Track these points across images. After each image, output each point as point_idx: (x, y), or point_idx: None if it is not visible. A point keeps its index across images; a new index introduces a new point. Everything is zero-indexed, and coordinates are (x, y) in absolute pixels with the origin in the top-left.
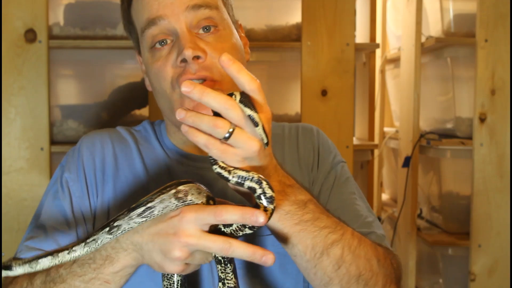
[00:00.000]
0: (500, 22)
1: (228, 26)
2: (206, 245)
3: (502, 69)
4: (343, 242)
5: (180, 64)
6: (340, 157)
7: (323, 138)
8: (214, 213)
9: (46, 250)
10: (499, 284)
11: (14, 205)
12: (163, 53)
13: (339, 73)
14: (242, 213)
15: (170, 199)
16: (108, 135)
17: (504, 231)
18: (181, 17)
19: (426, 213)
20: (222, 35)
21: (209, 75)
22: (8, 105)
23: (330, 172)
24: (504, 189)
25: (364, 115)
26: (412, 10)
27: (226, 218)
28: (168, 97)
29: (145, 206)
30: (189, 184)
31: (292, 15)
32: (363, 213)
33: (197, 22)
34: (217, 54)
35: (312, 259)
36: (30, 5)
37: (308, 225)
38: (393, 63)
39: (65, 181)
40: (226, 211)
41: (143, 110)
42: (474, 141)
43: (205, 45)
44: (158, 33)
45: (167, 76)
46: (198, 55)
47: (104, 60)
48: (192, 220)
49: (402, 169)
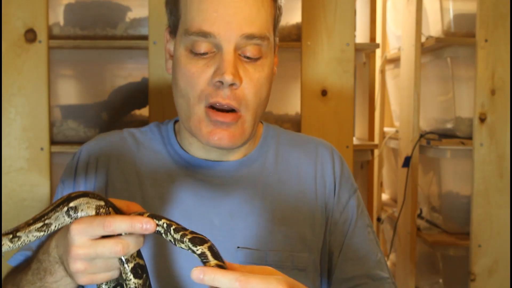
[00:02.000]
0: (500, 22)
1: (270, 54)
2: (98, 251)
3: (502, 69)
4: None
5: (215, 83)
6: (355, 183)
7: (342, 160)
8: (103, 224)
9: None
10: (499, 284)
11: (14, 205)
12: (200, 62)
13: (339, 73)
14: (130, 222)
15: (64, 217)
16: (108, 141)
17: (504, 231)
18: (233, 40)
19: (426, 213)
20: (262, 64)
21: (237, 106)
22: (8, 105)
23: (350, 201)
24: (504, 189)
25: (364, 115)
26: (412, 10)
27: (115, 228)
28: (190, 105)
29: (43, 222)
30: (79, 199)
31: (292, 15)
32: (375, 249)
33: (245, 46)
34: (250, 86)
35: None
36: (30, 5)
37: None
38: (393, 63)
39: (61, 187)
40: (114, 220)
41: (143, 110)
42: (474, 141)
43: (243, 72)
44: (204, 43)
45: (197, 87)
46: (235, 82)
47: (104, 60)
48: (80, 232)
49: (402, 169)
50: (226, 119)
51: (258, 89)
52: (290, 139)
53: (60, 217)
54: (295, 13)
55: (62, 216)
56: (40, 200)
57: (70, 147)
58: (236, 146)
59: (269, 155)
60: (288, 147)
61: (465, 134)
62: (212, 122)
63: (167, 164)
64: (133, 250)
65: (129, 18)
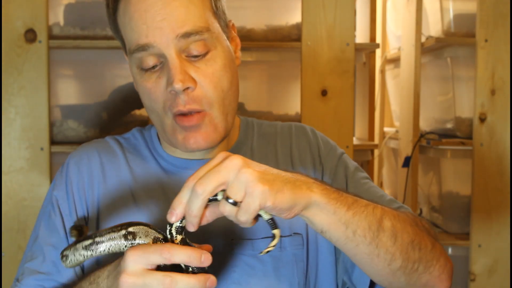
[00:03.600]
0: (500, 22)
1: (219, 43)
2: (146, 280)
3: (502, 69)
4: (387, 213)
5: (170, 92)
6: (340, 148)
7: (320, 135)
8: (161, 251)
9: (45, 272)
10: (499, 284)
11: (14, 205)
12: (153, 76)
13: (339, 73)
14: (190, 252)
15: (120, 239)
16: (95, 148)
17: (504, 231)
18: (171, 44)
19: (426, 213)
20: (212, 57)
21: (198, 107)
22: (8, 105)
23: (338, 166)
24: (504, 189)
25: (364, 115)
26: (412, 10)
27: (173, 254)
28: (160, 117)
29: (93, 239)
30: (139, 226)
31: (292, 15)
32: (382, 193)
33: (187, 47)
34: (207, 82)
35: (373, 239)
36: (30, 5)
37: (355, 206)
38: (393, 63)
39: (55, 200)
40: (173, 248)
41: (143, 110)
42: (474, 141)
43: (195, 72)
44: (147, 57)
45: (158, 100)
46: (188, 86)
47: (104, 60)
48: (135, 259)
49: (402, 169)
50: (192, 122)
51: (216, 83)
52: (266, 129)
53: (115, 238)
54: (295, 13)
55: (119, 237)
56: (40, 200)
57: (70, 147)
58: (214, 144)
59: (249, 147)
60: (265, 137)
61: (465, 134)
62: (183, 128)
63: (154, 168)
64: (181, 286)
65: None
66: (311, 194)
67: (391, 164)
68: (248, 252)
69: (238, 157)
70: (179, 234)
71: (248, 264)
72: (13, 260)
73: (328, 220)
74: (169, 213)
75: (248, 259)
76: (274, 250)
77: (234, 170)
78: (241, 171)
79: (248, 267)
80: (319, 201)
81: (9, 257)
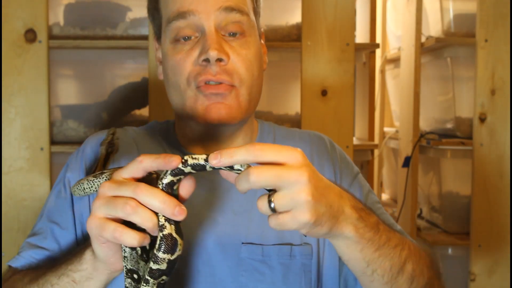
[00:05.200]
0: (500, 22)
1: (255, 34)
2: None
3: (502, 69)
4: (411, 256)
5: (202, 62)
6: (355, 166)
7: (338, 149)
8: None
9: (45, 247)
10: (499, 284)
11: (14, 205)
12: (185, 48)
13: (339, 73)
14: (163, 199)
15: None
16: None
17: (504, 231)
18: (212, 15)
19: (426, 213)
20: (247, 42)
21: (228, 79)
22: (8, 105)
23: (353, 184)
24: (504, 189)
25: (364, 115)
26: (412, 10)
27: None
28: (181, 92)
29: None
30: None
31: (292, 15)
32: (393, 221)
33: (226, 24)
34: (239, 60)
35: (389, 280)
36: (30, 5)
37: (384, 248)
38: (393, 63)
39: (68, 181)
40: (146, 189)
41: (143, 110)
42: (474, 141)
43: (230, 48)
44: (185, 26)
45: (184, 71)
46: (221, 57)
47: (104, 60)
48: (106, 184)
49: (402, 169)
50: (220, 90)
51: (248, 65)
52: (285, 134)
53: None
54: (295, 13)
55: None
56: (40, 200)
57: (70, 147)
58: (235, 121)
59: None
60: (284, 142)
61: (465, 134)
62: (206, 97)
63: None
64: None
65: (129, 18)
66: (344, 228)
67: (391, 164)
68: (258, 258)
69: (307, 170)
70: (171, 176)
71: (257, 270)
72: None
73: (351, 255)
74: (215, 153)
75: (258, 264)
76: (285, 257)
77: (296, 183)
78: (302, 189)
79: (257, 273)
80: (350, 235)
81: (9, 257)
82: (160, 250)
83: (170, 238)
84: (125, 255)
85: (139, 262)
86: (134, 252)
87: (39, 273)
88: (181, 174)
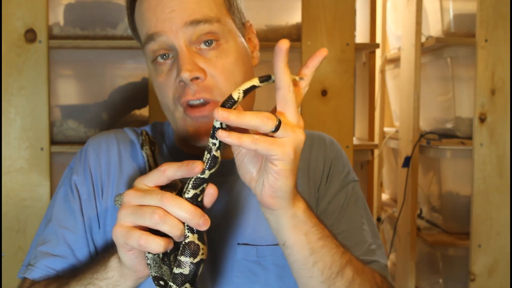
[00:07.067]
0: (500, 22)
1: (232, 37)
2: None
3: (502, 69)
4: (353, 263)
5: (180, 83)
6: (354, 175)
7: (338, 152)
8: (161, 199)
9: (59, 255)
10: (499, 284)
11: (14, 205)
12: (164, 68)
13: (339, 73)
14: (190, 210)
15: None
16: (114, 136)
17: (504, 231)
18: (179, 33)
19: (426, 213)
20: (223, 50)
21: (208, 96)
22: (8, 105)
23: (341, 192)
24: (504, 189)
25: (364, 115)
26: (412, 10)
27: (171, 206)
28: (171, 112)
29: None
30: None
31: (292, 15)
32: (368, 239)
33: (197, 38)
34: (218, 73)
35: (327, 279)
36: (30, 5)
37: (328, 241)
38: (393, 63)
39: (74, 184)
40: (174, 199)
41: (143, 110)
42: (474, 141)
43: (205, 63)
44: (157, 48)
45: (169, 93)
46: (196, 76)
47: (104, 60)
48: (131, 193)
49: (402, 169)
50: (204, 112)
51: (228, 75)
52: None
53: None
54: (295, 13)
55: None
56: (40, 200)
57: (70, 147)
58: None
59: None
60: None
61: (465, 134)
62: (193, 120)
63: (169, 160)
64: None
65: None
66: (298, 204)
67: (391, 164)
68: (252, 259)
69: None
70: (193, 189)
71: (252, 271)
72: (13, 260)
73: (296, 238)
74: (219, 110)
75: (252, 265)
76: (279, 258)
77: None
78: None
79: (251, 274)
80: (300, 214)
81: (9, 257)
82: (183, 255)
83: (193, 244)
84: (148, 262)
85: (162, 267)
86: (156, 257)
87: (61, 283)
88: (202, 183)
